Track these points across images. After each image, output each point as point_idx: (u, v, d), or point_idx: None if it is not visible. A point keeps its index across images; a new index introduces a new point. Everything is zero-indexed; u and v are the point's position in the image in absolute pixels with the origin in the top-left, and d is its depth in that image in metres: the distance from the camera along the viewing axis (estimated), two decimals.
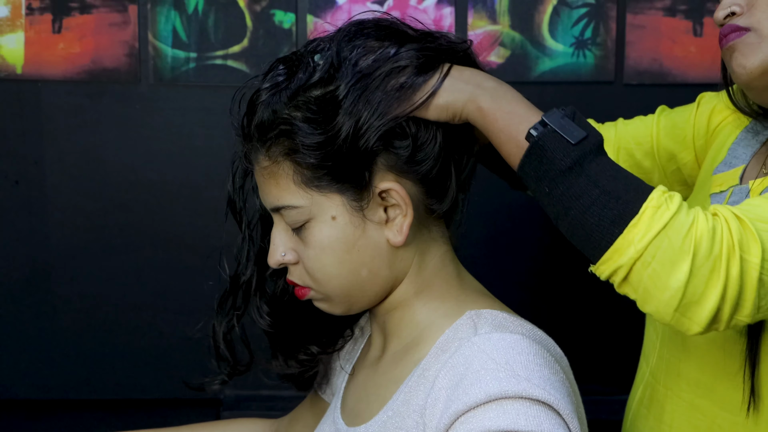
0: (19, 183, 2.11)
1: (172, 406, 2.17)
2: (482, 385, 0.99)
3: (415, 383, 1.09)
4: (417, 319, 1.16)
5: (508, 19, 2.07)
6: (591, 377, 2.04)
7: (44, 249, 2.12)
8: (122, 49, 2.07)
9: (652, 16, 2.06)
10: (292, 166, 1.11)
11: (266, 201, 1.16)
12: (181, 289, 2.14)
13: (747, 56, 1.22)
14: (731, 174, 1.35)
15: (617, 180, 1.04)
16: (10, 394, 2.17)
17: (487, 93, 1.10)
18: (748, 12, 1.23)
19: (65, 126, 2.10)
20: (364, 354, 1.27)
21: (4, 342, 2.15)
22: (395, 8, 2.05)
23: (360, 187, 1.10)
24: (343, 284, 1.13)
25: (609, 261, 1.04)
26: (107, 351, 2.16)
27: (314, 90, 1.10)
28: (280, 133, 1.10)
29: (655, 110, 1.58)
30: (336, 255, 1.12)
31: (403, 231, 1.12)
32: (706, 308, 1.03)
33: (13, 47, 2.05)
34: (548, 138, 1.05)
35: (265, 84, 1.13)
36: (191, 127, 2.11)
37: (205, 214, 2.12)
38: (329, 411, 1.27)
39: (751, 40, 1.22)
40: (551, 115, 1.07)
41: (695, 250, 1.02)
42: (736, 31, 1.24)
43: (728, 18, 1.25)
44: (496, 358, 1.01)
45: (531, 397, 0.98)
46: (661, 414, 1.36)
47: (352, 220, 1.11)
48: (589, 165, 1.05)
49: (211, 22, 2.07)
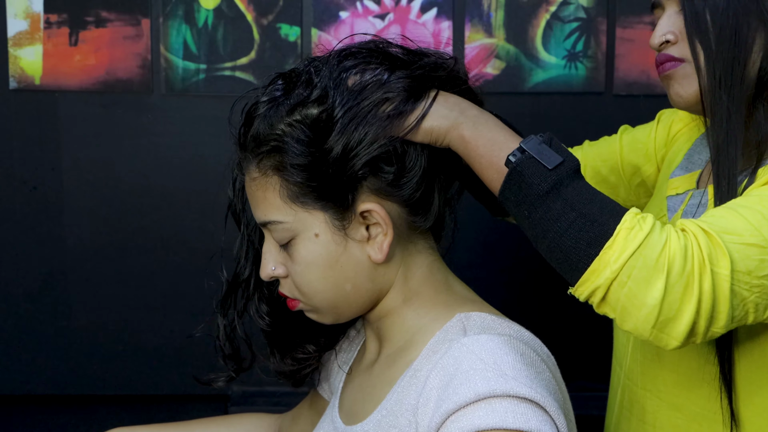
0: (37, 188, 2.13)
1: (182, 401, 2.19)
2: (471, 384, 0.99)
3: (408, 383, 1.09)
4: (408, 324, 1.16)
5: (503, 32, 2.09)
6: (579, 374, 2.04)
7: (61, 251, 2.14)
8: (135, 61, 2.09)
9: (640, 30, 2.08)
10: (280, 181, 1.11)
11: (256, 215, 1.16)
12: (191, 290, 2.16)
13: (683, 86, 1.26)
14: (688, 178, 1.37)
15: (593, 203, 1.05)
16: (28, 389, 2.19)
17: (469, 121, 1.11)
18: (680, 41, 1.26)
19: (81, 134, 2.11)
20: (360, 357, 1.27)
21: (23, 340, 2.17)
22: (396, 22, 2.08)
23: (343, 207, 1.11)
24: (329, 297, 1.14)
25: (587, 282, 1.05)
26: (120, 349, 2.18)
27: (311, 108, 1.10)
28: (272, 149, 1.11)
29: (643, 122, 1.62)
30: (320, 270, 1.12)
31: (383, 249, 1.12)
32: (683, 323, 1.04)
33: (32, 59, 2.08)
34: (526, 164, 1.07)
35: (264, 97, 1.14)
36: (201, 135, 2.12)
37: (214, 218, 2.06)
38: (328, 410, 1.28)
39: (686, 71, 1.26)
40: (528, 141, 1.08)
41: (669, 268, 1.03)
42: (671, 61, 1.27)
43: (663, 45, 1.28)
44: (484, 359, 1.02)
45: (518, 395, 0.98)
46: (642, 414, 1.36)
47: (334, 237, 1.11)
48: (565, 189, 1.06)
49: (220, 35, 2.09)
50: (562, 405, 1.06)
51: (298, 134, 1.10)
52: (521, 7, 2.09)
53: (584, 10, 2.09)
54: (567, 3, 2.09)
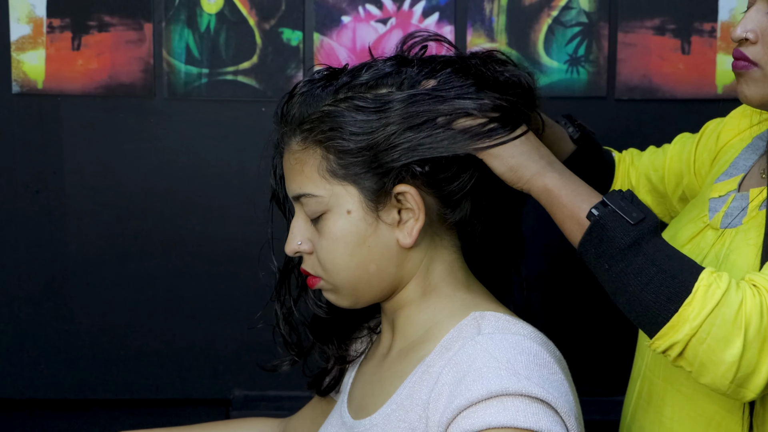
0: (39, 192, 2.14)
1: (184, 405, 2.19)
2: (484, 382, 1.01)
3: (419, 379, 1.11)
4: (423, 318, 1.17)
5: (505, 37, 2.10)
6: (583, 378, 2.07)
7: (63, 255, 2.15)
8: (138, 66, 2.10)
9: (642, 34, 2.09)
10: (321, 154, 1.13)
11: (290, 189, 1.17)
12: (192, 295, 2.17)
13: (750, 88, 1.28)
14: (731, 181, 1.39)
15: (672, 259, 1.10)
16: (30, 393, 2.19)
17: (555, 171, 1.15)
18: (760, 43, 1.27)
19: (83, 138, 2.12)
20: (373, 350, 1.28)
21: (25, 344, 2.17)
22: (398, 27, 2.09)
23: (378, 188, 1.12)
24: (351, 277, 1.15)
25: (665, 337, 1.10)
26: (122, 353, 2.18)
27: (376, 89, 1.13)
28: (321, 121, 1.13)
29: (645, 126, 1.65)
30: (347, 248, 1.13)
31: (412, 234, 1.14)
32: (761, 377, 1.10)
33: (35, 63, 2.09)
34: (609, 218, 1.11)
35: (317, 75, 1.18)
36: (203, 139, 2.13)
37: (216, 222, 2.15)
38: (337, 406, 1.29)
39: (756, 76, 1.27)
40: (611, 196, 1.13)
41: (746, 325, 1.08)
42: (745, 61, 1.28)
43: (743, 42, 1.28)
44: (498, 357, 1.03)
45: (530, 394, 1.00)
46: (661, 407, 1.37)
47: (366, 217, 1.13)
48: (646, 244, 1.11)
49: (223, 39, 2.10)
50: (573, 407, 1.07)
51: (357, 103, 1.12)
52: (523, 11, 2.10)
53: (586, 15, 2.10)
54: (569, 7, 2.10)
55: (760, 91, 1.28)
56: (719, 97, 2.09)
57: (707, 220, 1.37)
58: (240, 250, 2.14)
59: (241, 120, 2.13)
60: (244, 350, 2.17)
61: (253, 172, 2.10)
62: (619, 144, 1.86)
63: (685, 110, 2.09)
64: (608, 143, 2.08)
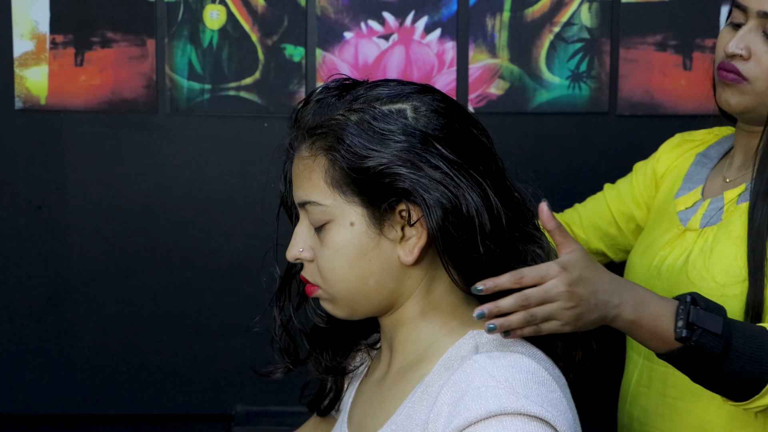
0: (41, 208, 2.14)
1: (186, 420, 2.19)
2: (483, 401, 1.00)
3: (418, 399, 1.10)
4: (422, 337, 1.16)
5: (507, 53, 2.11)
6: (582, 395, 2.08)
7: (65, 270, 2.15)
8: (140, 81, 2.11)
9: (644, 50, 2.10)
10: (327, 163, 1.12)
11: (296, 195, 1.16)
12: (194, 310, 2.17)
13: (735, 98, 1.46)
14: (692, 194, 1.55)
15: (753, 340, 1.26)
16: (32, 409, 2.19)
17: (627, 305, 1.21)
18: (753, 60, 1.44)
19: (86, 154, 2.13)
20: (372, 369, 1.27)
21: (27, 359, 2.17)
22: (400, 43, 2.10)
23: (383, 203, 1.11)
24: (350, 288, 1.14)
25: (755, 402, 1.28)
26: (123, 368, 2.18)
27: (388, 105, 1.13)
28: (330, 128, 1.12)
29: (646, 142, 1.73)
30: (348, 259, 1.13)
31: (413, 252, 1.12)
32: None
33: (38, 79, 2.10)
34: (701, 338, 1.23)
35: (333, 83, 1.17)
36: (206, 154, 2.14)
37: (218, 238, 2.15)
38: (337, 425, 1.28)
39: (745, 89, 1.45)
40: (693, 313, 1.23)
41: None
42: (737, 75, 1.45)
43: (734, 57, 1.45)
44: (496, 376, 1.03)
45: (529, 413, 1.00)
46: (663, 388, 1.49)
47: (369, 231, 1.12)
48: (734, 341, 1.25)
49: (225, 55, 2.11)
50: (572, 425, 1.06)
51: (362, 126, 1.12)
52: (525, 27, 2.11)
53: (588, 31, 2.11)
54: (571, 23, 2.10)
55: (745, 102, 1.46)
56: None
57: (682, 227, 1.52)
58: (242, 265, 2.15)
59: (244, 135, 2.14)
60: (246, 365, 2.15)
61: (255, 188, 2.11)
62: (621, 159, 1.87)
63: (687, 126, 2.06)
64: (610, 159, 2.10)
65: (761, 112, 1.45)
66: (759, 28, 1.44)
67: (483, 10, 2.11)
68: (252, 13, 2.11)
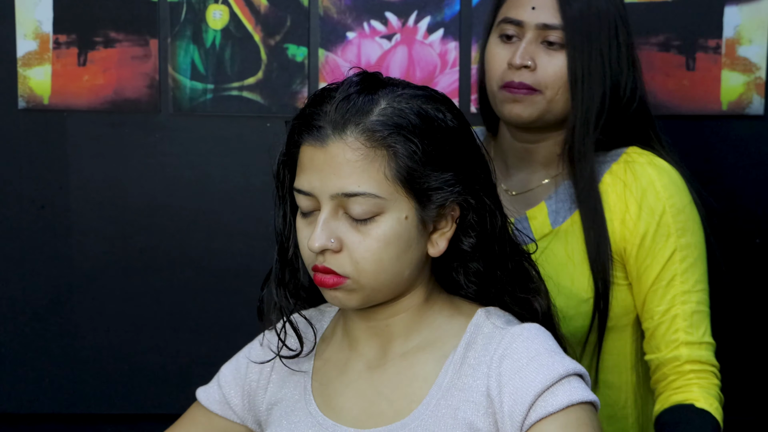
0: (44, 207, 2.14)
1: None
2: (546, 369, 1.12)
3: (457, 368, 1.15)
4: (428, 321, 1.19)
5: None
6: None
7: (68, 270, 2.15)
8: (143, 81, 2.11)
9: (647, 51, 2.09)
10: (388, 156, 1.11)
11: (339, 184, 1.11)
12: (197, 310, 2.17)
13: (527, 110, 1.50)
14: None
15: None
16: (34, 408, 2.20)
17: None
18: (537, 70, 1.48)
19: (89, 153, 2.14)
20: (344, 360, 1.23)
21: (29, 358, 2.18)
22: (403, 43, 2.10)
23: (440, 203, 1.14)
24: (386, 279, 1.13)
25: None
26: (126, 368, 2.19)
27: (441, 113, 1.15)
28: (395, 124, 1.11)
29: None
30: (396, 252, 1.12)
31: (440, 244, 1.16)
32: None
33: (41, 79, 2.10)
34: None
35: (355, 78, 1.16)
36: (208, 154, 2.14)
37: (220, 238, 2.15)
38: (309, 427, 1.20)
39: (536, 100, 1.49)
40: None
41: None
42: (527, 89, 1.48)
43: (520, 71, 1.48)
44: (543, 344, 1.14)
45: (579, 372, 1.14)
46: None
47: (417, 224, 1.13)
48: None
49: (228, 55, 2.11)
50: None
51: (415, 118, 1.13)
52: None
53: None
54: None
55: (537, 112, 1.50)
56: (724, 113, 2.09)
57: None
58: (244, 265, 2.15)
59: (246, 135, 2.14)
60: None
61: (257, 187, 2.11)
62: None
63: (690, 126, 2.09)
64: None
65: (548, 119, 1.51)
66: (538, 39, 1.49)
67: (486, 10, 2.09)
68: (255, 13, 2.11)
